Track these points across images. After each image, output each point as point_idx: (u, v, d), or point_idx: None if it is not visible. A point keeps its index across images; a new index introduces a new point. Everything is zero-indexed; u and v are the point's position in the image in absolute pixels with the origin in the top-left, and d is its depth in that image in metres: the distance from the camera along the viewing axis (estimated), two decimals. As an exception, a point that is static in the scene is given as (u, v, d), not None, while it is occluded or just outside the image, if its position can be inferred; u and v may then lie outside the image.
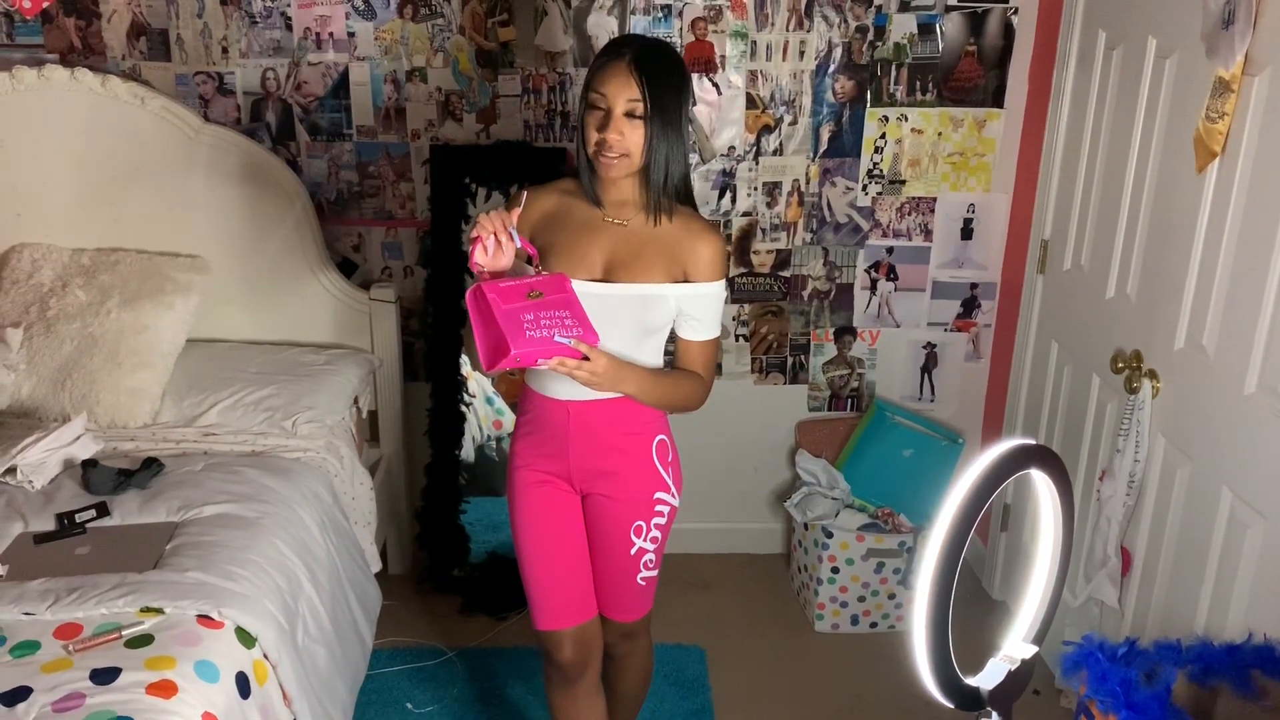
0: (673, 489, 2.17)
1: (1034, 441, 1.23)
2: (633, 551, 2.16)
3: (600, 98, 1.94)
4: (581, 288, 1.96)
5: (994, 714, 1.22)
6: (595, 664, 2.24)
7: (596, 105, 1.95)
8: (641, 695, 2.47)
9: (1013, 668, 1.23)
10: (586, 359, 1.85)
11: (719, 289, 2.05)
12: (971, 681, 1.20)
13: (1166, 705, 1.55)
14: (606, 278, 2.01)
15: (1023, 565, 3.12)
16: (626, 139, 1.94)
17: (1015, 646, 1.26)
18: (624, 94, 1.92)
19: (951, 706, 1.22)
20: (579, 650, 2.19)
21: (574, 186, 2.09)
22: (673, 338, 2.13)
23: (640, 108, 1.92)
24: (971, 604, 3.28)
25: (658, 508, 2.15)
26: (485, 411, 3.37)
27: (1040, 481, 1.20)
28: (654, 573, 2.22)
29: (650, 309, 2.01)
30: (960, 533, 1.08)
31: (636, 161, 1.97)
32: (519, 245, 1.91)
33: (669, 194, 2.01)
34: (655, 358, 2.09)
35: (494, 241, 1.88)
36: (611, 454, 2.10)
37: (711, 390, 2.13)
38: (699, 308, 2.04)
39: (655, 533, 2.16)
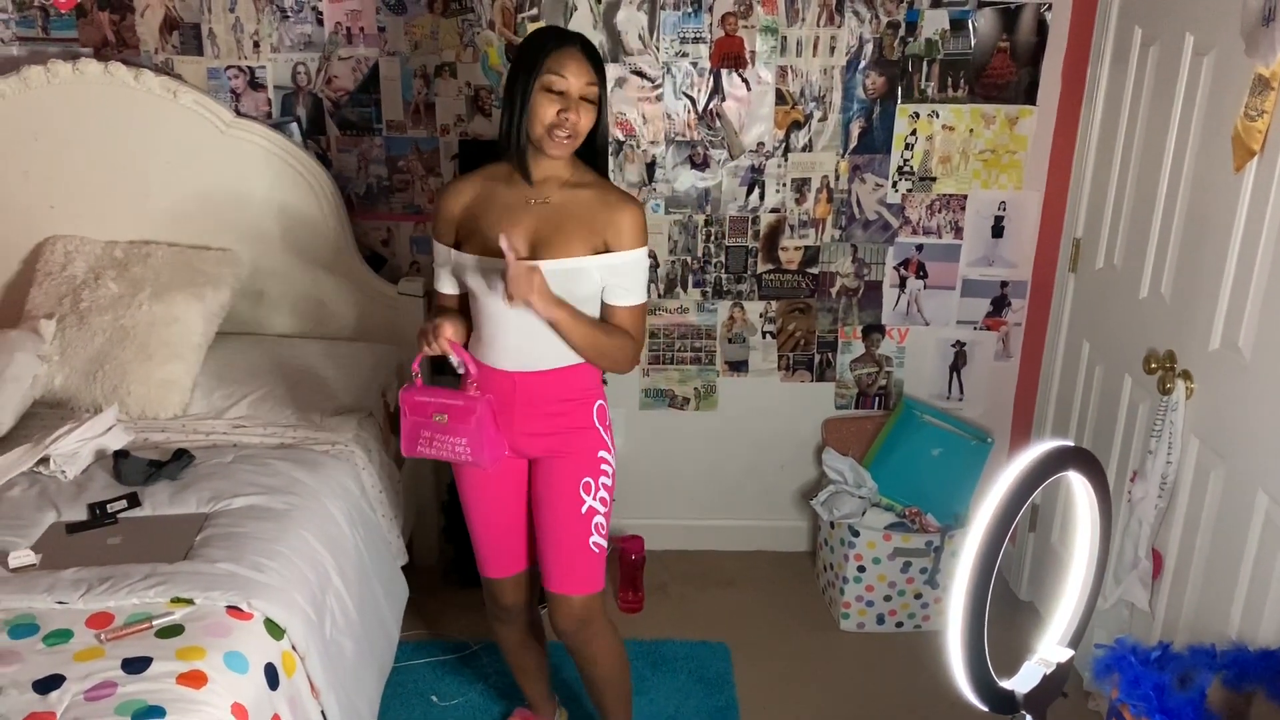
0: (612, 449, 2.31)
1: (1072, 443, 1.22)
2: (583, 510, 2.26)
3: (561, 80, 2.05)
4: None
5: (1028, 717, 1.20)
6: (531, 602, 2.51)
7: (554, 88, 2.05)
8: (620, 682, 2.47)
9: (1048, 671, 1.21)
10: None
11: (640, 256, 2.15)
12: (1006, 684, 1.19)
13: (1201, 710, 1.54)
14: (532, 255, 2.11)
15: (1051, 566, 3.09)
16: (581, 122, 2.07)
17: (1050, 649, 1.25)
18: (584, 78, 2.06)
19: (986, 710, 1.21)
20: (517, 593, 2.45)
21: (497, 171, 2.19)
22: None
23: (595, 92, 2.09)
24: (998, 604, 3.25)
25: (603, 466, 2.28)
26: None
27: (1078, 484, 1.19)
28: (604, 541, 2.32)
29: (575, 282, 2.11)
30: (998, 535, 1.07)
31: (579, 142, 2.10)
32: (458, 361, 2.17)
33: (603, 168, 2.20)
34: (593, 317, 2.19)
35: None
36: (556, 418, 2.22)
37: (640, 357, 2.31)
38: (621, 276, 2.14)
39: (603, 493, 2.28)
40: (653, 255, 3.15)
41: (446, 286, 2.28)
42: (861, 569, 3.09)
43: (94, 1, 2.99)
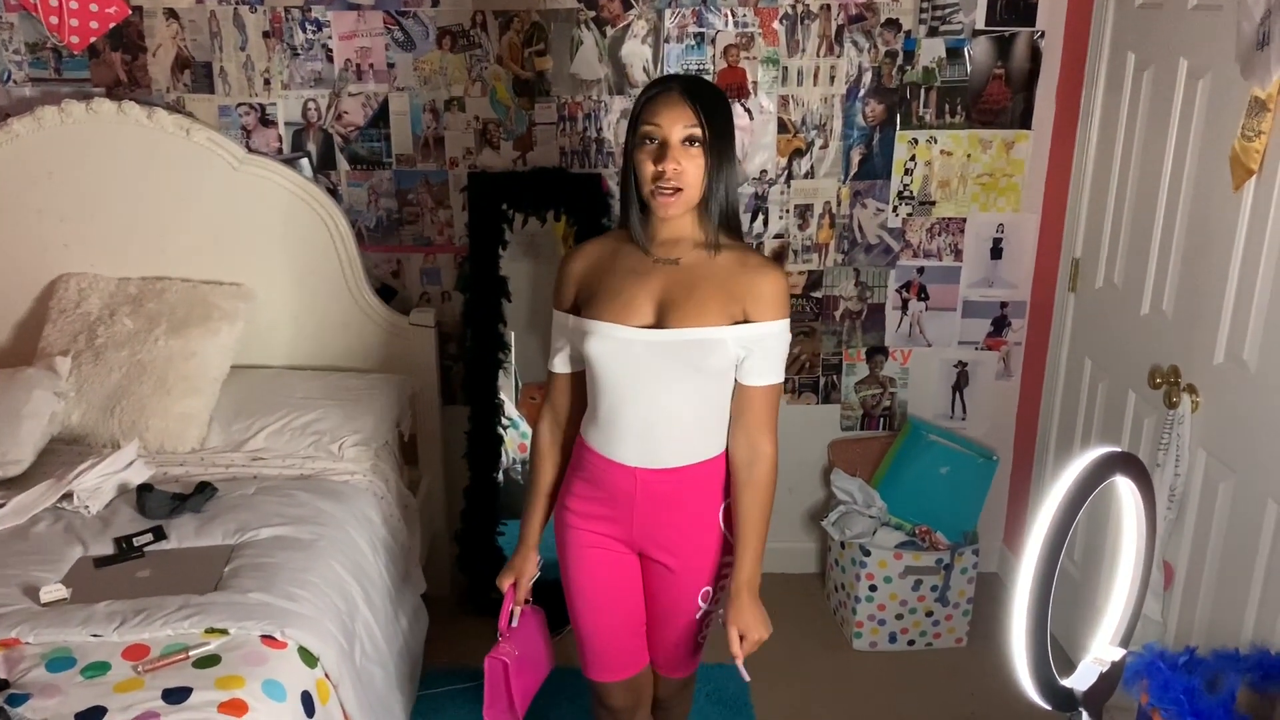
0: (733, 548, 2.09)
1: (1120, 449, 1.27)
2: (699, 616, 2.14)
3: (655, 129, 1.86)
4: (633, 335, 1.92)
5: (1085, 714, 1.24)
6: (646, 704, 2.25)
7: (650, 138, 1.87)
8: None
9: (1103, 669, 1.26)
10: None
11: (782, 328, 1.93)
12: (1066, 683, 1.23)
13: (1232, 713, 1.58)
14: (659, 322, 1.91)
15: (1061, 585, 3.14)
16: (685, 170, 1.85)
17: (1104, 649, 1.29)
18: (680, 121, 1.85)
19: (1049, 708, 1.25)
20: (630, 696, 2.20)
21: (626, 234, 2.00)
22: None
23: (698, 133, 1.85)
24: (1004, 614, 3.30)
25: (724, 570, 2.10)
26: (511, 435, 3.41)
27: (1125, 488, 1.24)
28: (709, 629, 2.21)
29: (709, 354, 1.90)
30: (1058, 539, 1.11)
31: (694, 195, 1.89)
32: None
33: (726, 227, 1.95)
34: (722, 404, 2.00)
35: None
36: (679, 521, 2.03)
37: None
38: (761, 350, 1.93)
39: (719, 593, 2.13)
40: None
41: (560, 365, 2.08)
42: (873, 588, 3.13)
43: (106, 42, 3.03)
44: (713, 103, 1.89)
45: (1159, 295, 2.60)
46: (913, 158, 3.22)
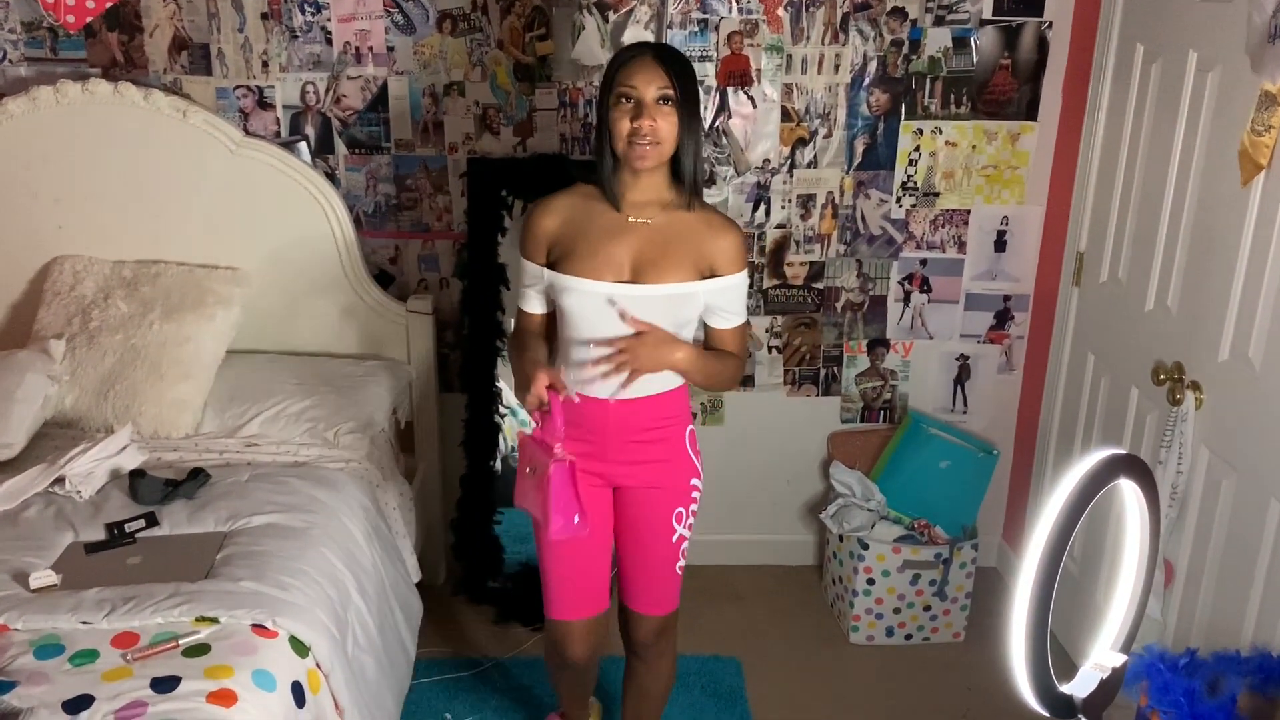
0: (701, 472, 2.29)
1: (1124, 451, 1.24)
2: (674, 539, 2.25)
3: (630, 89, 2.02)
4: (613, 290, 2.08)
5: (1084, 722, 1.23)
6: (598, 655, 2.38)
7: (626, 97, 2.03)
8: (668, 694, 2.51)
9: (1104, 676, 1.23)
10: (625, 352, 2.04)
11: (743, 279, 2.16)
12: (1065, 689, 1.21)
13: (1233, 716, 1.56)
14: (635, 278, 2.09)
15: (1062, 585, 3.12)
16: (659, 126, 2.02)
17: (1104, 655, 1.27)
18: (655, 82, 2.02)
19: (1047, 714, 1.22)
20: (587, 644, 2.31)
21: (592, 190, 2.17)
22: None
23: (672, 93, 2.03)
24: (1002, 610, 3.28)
25: (693, 494, 2.27)
26: (509, 423, 3.38)
27: (1129, 491, 1.21)
28: (684, 561, 2.31)
29: (682, 306, 2.12)
30: (1060, 543, 1.09)
31: (668, 149, 2.05)
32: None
33: (696, 185, 2.13)
34: (688, 339, 2.18)
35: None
36: (652, 445, 2.19)
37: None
38: (727, 299, 2.15)
39: (691, 519, 2.28)
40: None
41: (535, 306, 2.24)
42: (871, 582, 3.11)
43: (103, 22, 2.99)
44: (682, 67, 2.07)
45: (1164, 291, 2.57)
46: (917, 148, 3.19)
